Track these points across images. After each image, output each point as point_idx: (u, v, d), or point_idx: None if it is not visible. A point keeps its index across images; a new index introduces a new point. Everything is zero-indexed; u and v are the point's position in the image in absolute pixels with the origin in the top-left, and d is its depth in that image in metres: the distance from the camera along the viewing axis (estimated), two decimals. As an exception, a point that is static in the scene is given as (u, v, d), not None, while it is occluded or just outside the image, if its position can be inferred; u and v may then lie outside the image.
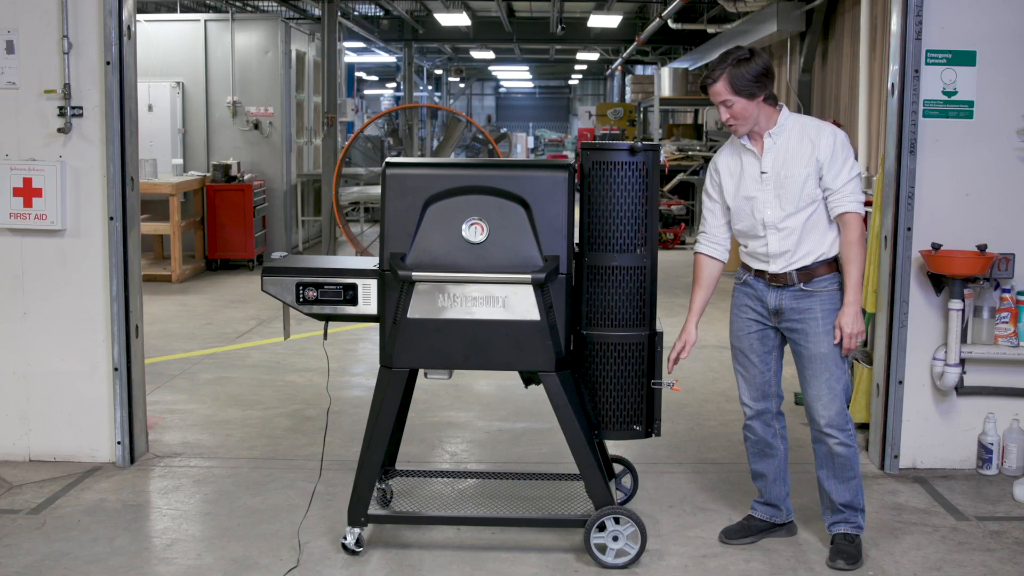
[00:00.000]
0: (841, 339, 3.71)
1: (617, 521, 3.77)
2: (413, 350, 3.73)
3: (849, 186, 3.68)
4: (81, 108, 4.67)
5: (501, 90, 47.81)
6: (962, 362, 4.68)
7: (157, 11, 14.68)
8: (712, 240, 3.97)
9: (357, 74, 29.34)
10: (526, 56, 27.96)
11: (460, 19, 17.19)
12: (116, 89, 4.65)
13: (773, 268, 3.80)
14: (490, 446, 5.29)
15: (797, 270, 3.76)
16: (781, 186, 3.73)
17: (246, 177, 11.17)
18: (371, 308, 3.83)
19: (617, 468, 4.39)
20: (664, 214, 13.37)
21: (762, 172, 3.77)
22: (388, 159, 3.84)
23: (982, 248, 4.51)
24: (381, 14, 18.85)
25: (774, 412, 3.97)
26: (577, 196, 3.84)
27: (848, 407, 3.83)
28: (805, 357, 3.79)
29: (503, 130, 29.87)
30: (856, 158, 3.83)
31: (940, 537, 4.11)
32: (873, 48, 8.87)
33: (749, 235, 3.85)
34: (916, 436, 4.83)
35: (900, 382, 4.75)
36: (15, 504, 4.38)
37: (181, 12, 13.74)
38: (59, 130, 4.66)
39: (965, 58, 4.63)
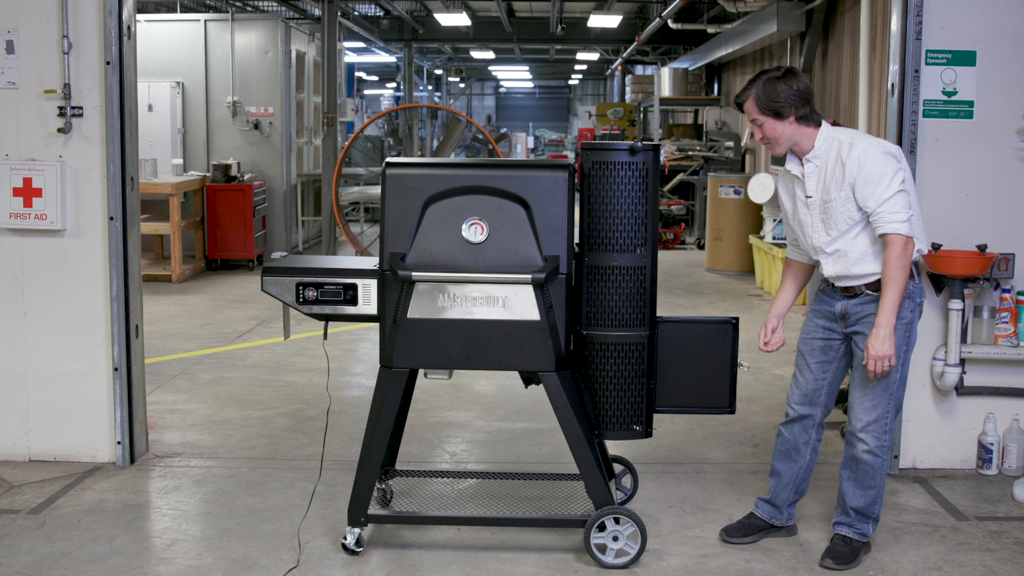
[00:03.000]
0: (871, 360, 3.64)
1: (617, 521, 3.77)
2: (413, 350, 3.73)
3: (885, 206, 3.56)
4: (81, 108, 4.67)
5: (501, 90, 47.81)
6: (962, 362, 4.68)
7: (157, 11, 14.68)
8: (800, 247, 3.98)
9: (357, 74, 29.34)
10: (526, 56, 27.95)
11: (460, 19, 17.18)
12: (116, 89, 4.65)
13: (840, 284, 3.81)
14: (490, 446, 5.29)
15: (865, 284, 3.74)
16: (825, 211, 3.70)
17: (246, 177, 11.17)
18: (371, 308, 3.83)
19: (617, 468, 4.39)
20: (664, 214, 13.37)
21: (807, 197, 3.75)
22: (388, 159, 3.84)
23: (982, 248, 4.51)
24: (381, 14, 18.85)
25: (816, 422, 3.96)
26: (577, 196, 3.84)
27: (894, 419, 3.81)
28: (858, 358, 3.77)
29: (503, 130, 29.88)
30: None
31: (940, 537, 4.11)
32: (873, 48, 8.86)
33: (808, 253, 3.90)
34: (916, 436, 4.84)
35: (900, 382, 4.75)
36: (15, 504, 4.38)
37: (181, 12, 13.74)
38: (59, 130, 4.67)
39: (965, 58, 4.63)
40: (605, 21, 16.97)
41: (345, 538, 3.86)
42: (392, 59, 25.30)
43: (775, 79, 3.68)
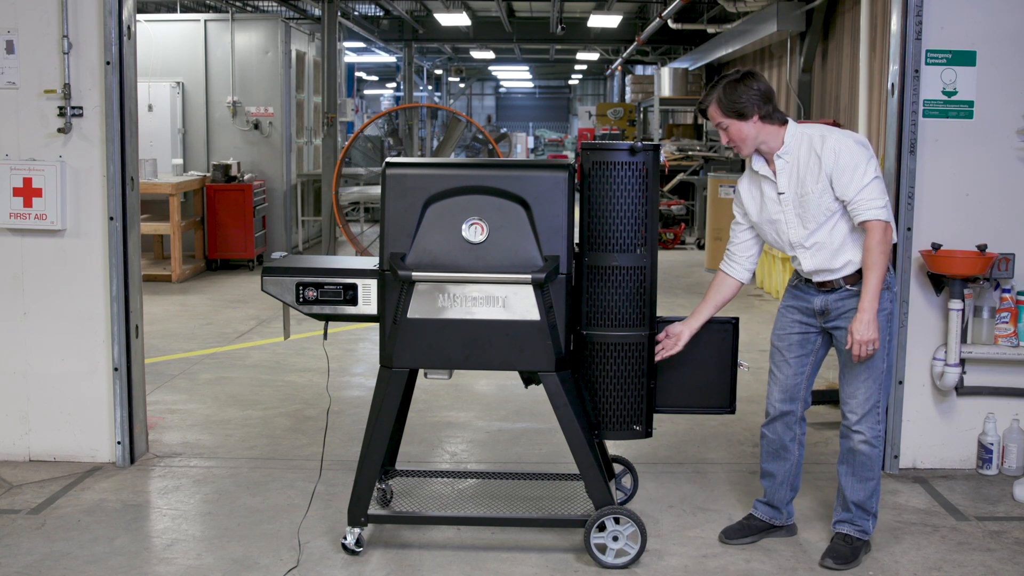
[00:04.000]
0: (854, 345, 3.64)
1: (617, 521, 3.77)
2: (413, 350, 3.73)
3: (864, 193, 3.60)
4: (81, 108, 4.67)
5: (501, 90, 47.80)
6: (962, 362, 4.68)
7: (157, 11, 14.68)
8: (734, 260, 3.99)
9: (357, 74, 29.34)
10: (526, 56, 27.96)
11: (460, 19, 17.18)
12: (116, 89, 4.65)
13: (817, 279, 3.80)
14: (490, 446, 5.29)
15: (843, 277, 3.75)
16: (801, 205, 3.71)
17: (246, 177, 11.17)
18: (371, 308, 3.83)
19: (617, 468, 4.39)
20: (664, 214, 13.37)
21: (779, 193, 3.76)
22: (388, 159, 3.84)
23: (982, 248, 4.51)
24: (381, 14, 18.85)
25: (798, 416, 3.96)
26: (577, 196, 3.84)
27: (884, 408, 3.82)
28: (845, 354, 3.77)
29: (503, 130, 29.87)
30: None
31: (940, 537, 4.12)
32: (873, 48, 8.87)
33: (782, 250, 3.88)
34: (916, 436, 4.84)
35: (900, 382, 4.75)
36: (15, 504, 4.38)
37: (181, 12, 13.74)
38: (59, 130, 4.66)
39: (965, 58, 4.63)
40: (605, 21, 16.98)
41: (345, 538, 3.86)
42: (392, 59, 25.30)
43: (734, 82, 3.71)
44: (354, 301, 3.83)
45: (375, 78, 35.46)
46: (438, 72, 32.05)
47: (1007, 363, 4.76)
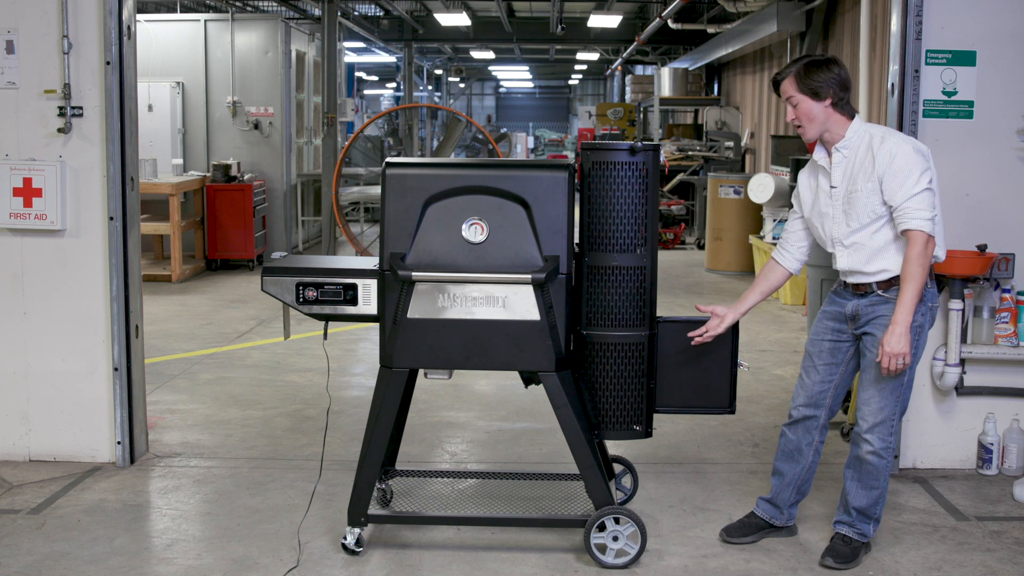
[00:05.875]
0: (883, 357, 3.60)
1: (617, 521, 3.78)
2: (413, 350, 3.73)
3: (911, 202, 3.55)
4: (81, 108, 4.67)
5: (501, 90, 47.81)
6: (962, 362, 4.68)
7: (157, 11, 14.68)
8: (785, 249, 4.00)
9: (357, 74, 29.34)
10: (526, 56, 27.96)
11: (460, 19, 17.18)
12: (116, 89, 4.65)
13: (851, 280, 3.79)
14: (490, 446, 5.29)
15: (876, 282, 3.72)
16: (849, 202, 3.69)
17: (246, 177, 11.17)
18: (371, 308, 3.83)
19: (617, 468, 4.40)
20: (664, 214, 13.37)
21: (832, 187, 3.74)
22: (388, 159, 3.84)
23: (982, 248, 4.51)
24: (381, 14, 18.85)
25: (820, 424, 3.95)
26: (577, 196, 3.84)
27: (899, 421, 3.80)
28: (867, 359, 3.76)
29: (503, 130, 29.87)
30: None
31: (940, 537, 4.12)
32: (873, 48, 8.86)
33: (824, 247, 3.87)
34: (916, 436, 4.84)
35: (900, 382, 4.75)
36: (15, 504, 4.38)
37: (181, 12, 13.74)
38: (59, 130, 4.67)
39: (965, 58, 4.63)
40: (605, 21, 16.97)
41: (345, 538, 3.86)
42: (392, 59, 25.31)
43: (818, 62, 3.70)
44: (354, 301, 3.83)
45: (375, 78, 35.46)
46: (438, 72, 32.05)
47: (1007, 363, 4.76)
